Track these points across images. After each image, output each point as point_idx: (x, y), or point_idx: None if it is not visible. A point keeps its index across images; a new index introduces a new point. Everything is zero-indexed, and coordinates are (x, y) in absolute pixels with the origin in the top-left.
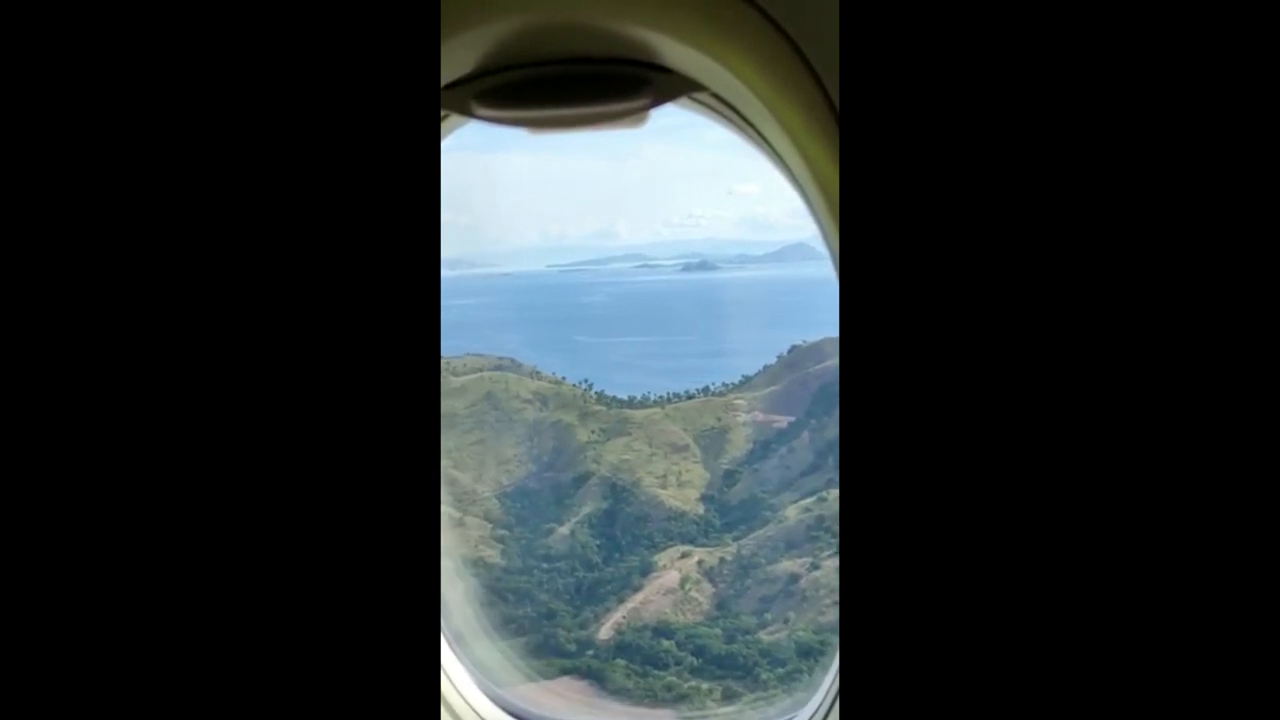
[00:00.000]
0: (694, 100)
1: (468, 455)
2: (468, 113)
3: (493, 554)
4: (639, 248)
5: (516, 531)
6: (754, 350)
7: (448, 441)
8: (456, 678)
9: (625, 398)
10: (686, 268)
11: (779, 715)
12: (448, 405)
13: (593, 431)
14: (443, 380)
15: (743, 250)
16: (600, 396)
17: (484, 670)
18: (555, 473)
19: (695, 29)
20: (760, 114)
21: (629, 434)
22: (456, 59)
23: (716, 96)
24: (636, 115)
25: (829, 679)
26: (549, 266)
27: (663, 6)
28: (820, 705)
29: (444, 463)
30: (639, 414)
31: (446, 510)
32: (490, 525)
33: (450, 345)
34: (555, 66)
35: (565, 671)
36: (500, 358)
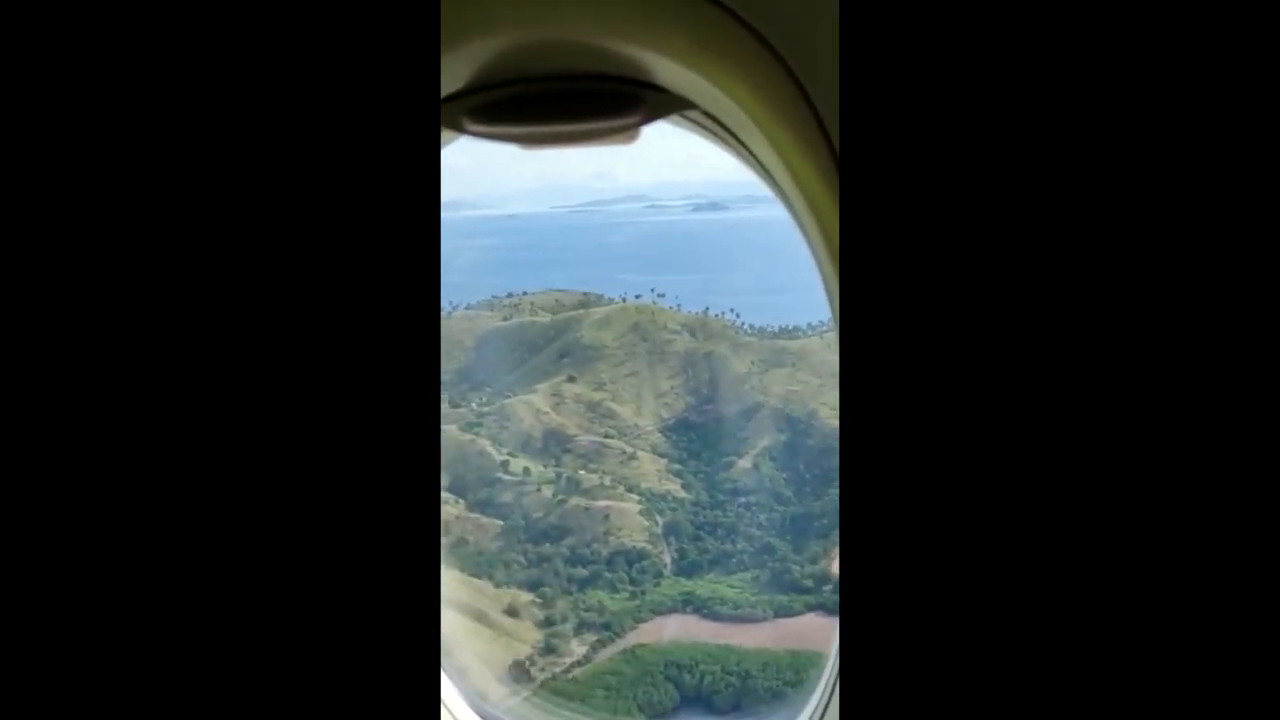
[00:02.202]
0: (685, 118)
1: (623, 388)
2: (459, 129)
3: (676, 488)
4: (641, 189)
5: (691, 465)
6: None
7: (601, 373)
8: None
9: (776, 328)
10: (697, 208)
11: None
12: (595, 336)
13: (751, 363)
14: (583, 313)
15: (748, 191)
16: (750, 328)
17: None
18: (716, 405)
19: (687, 48)
20: (750, 132)
21: (788, 365)
22: (449, 75)
23: (707, 114)
24: (628, 132)
25: (828, 676)
26: (552, 208)
27: (654, 25)
28: (819, 704)
29: (601, 395)
30: (794, 344)
31: (617, 444)
32: (663, 460)
33: (508, 282)
34: (547, 83)
35: (810, 608)
36: (584, 293)
